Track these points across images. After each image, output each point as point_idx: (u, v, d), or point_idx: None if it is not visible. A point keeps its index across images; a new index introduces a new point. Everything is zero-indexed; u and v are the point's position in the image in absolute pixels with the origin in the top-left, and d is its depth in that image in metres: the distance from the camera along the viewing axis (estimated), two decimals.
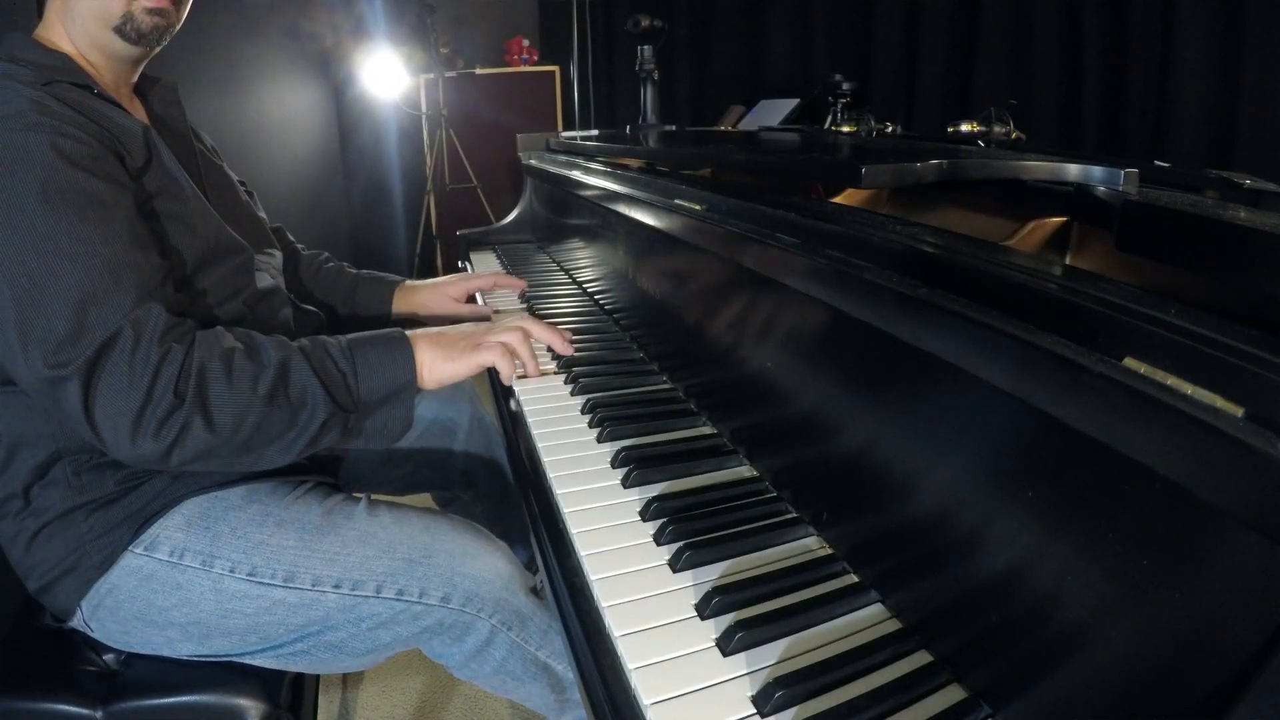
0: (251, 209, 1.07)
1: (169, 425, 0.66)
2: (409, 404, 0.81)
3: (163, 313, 0.70)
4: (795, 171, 0.92)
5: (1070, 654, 0.40)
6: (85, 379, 0.65)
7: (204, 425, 0.68)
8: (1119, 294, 0.42)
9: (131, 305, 0.68)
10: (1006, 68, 2.02)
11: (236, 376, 0.70)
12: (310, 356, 0.76)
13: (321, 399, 0.74)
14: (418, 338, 0.83)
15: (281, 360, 0.73)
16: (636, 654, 0.51)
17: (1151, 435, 0.35)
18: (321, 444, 0.76)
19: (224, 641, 0.81)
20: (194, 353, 0.69)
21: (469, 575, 0.80)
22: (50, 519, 0.79)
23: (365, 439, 0.80)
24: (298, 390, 0.73)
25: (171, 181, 0.83)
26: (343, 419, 0.76)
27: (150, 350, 0.67)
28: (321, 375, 0.74)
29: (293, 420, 0.72)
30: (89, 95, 0.80)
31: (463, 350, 0.84)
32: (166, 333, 0.69)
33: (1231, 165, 1.61)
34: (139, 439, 0.66)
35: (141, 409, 0.66)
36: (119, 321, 0.67)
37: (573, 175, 1.40)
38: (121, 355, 0.66)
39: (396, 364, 0.79)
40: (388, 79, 3.21)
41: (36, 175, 0.69)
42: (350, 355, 0.78)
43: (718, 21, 2.89)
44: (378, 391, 0.78)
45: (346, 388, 0.76)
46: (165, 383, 0.67)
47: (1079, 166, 0.70)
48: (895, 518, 0.55)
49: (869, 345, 0.58)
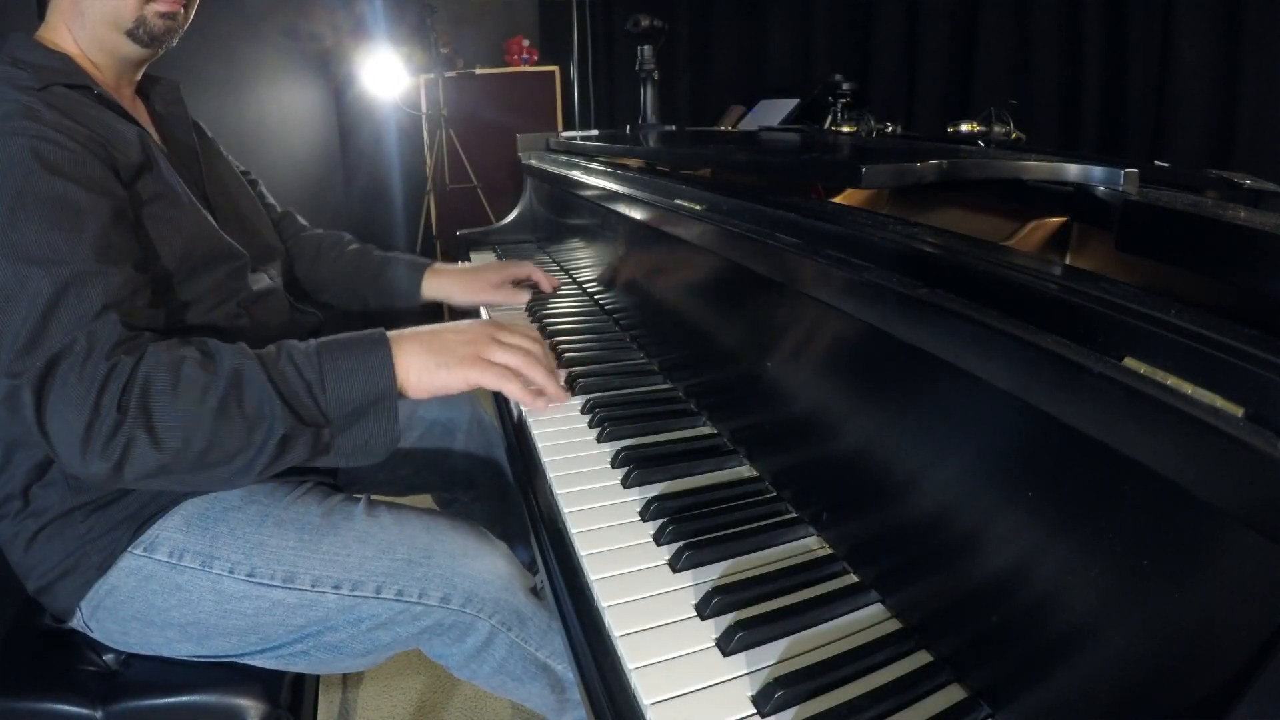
0: (256, 207, 1.07)
1: (114, 441, 0.63)
2: (390, 417, 0.72)
3: (118, 325, 0.67)
4: (795, 171, 0.92)
5: (1070, 654, 0.39)
6: (37, 390, 0.63)
7: (149, 441, 0.64)
8: (1119, 294, 0.42)
9: (91, 317, 0.66)
10: (1006, 68, 2.02)
11: (183, 387, 0.65)
12: (268, 364, 0.69)
13: (280, 411, 0.67)
14: (403, 340, 0.74)
15: (234, 369, 0.67)
16: (636, 654, 0.51)
17: (1151, 435, 0.35)
18: (287, 461, 0.69)
19: (223, 642, 0.81)
20: (141, 365, 0.65)
21: (469, 575, 0.80)
22: (49, 520, 0.79)
23: (343, 457, 0.71)
24: (253, 402, 0.67)
25: (167, 188, 0.83)
26: (310, 434, 0.68)
27: (98, 363, 0.64)
28: (279, 385, 0.68)
29: (249, 434, 0.66)
30: (86, 99, 0.80)
31: (461, 360, 0.76)
32: (117, 346, 0.66)
33: (1231, 165, 1.61)
34: (88, 455, 0.63)
35: (89, 425, 0.63)
36: (74, 332, 0.65)
37: (573, 175, 1.39)
38: (72, 368, 0.64)
39: (372, 370, 0.71)
40: (388, 79, 3.21)
41: (12, 180, 0.68)
42: (317, 362, 0.70)
43: (718, 21, 2.89)
44: (350, 403, 0.70)
45: (312, 400, 0.69)
46: (110, 397, 0.63)
47: (1079, 166, 0.70)
48: (895, 518, 0.55)
49: (869, 345, 0.58)
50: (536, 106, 3.48)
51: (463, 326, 0.80)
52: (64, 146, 0.72)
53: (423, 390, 0.74)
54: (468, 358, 0.76)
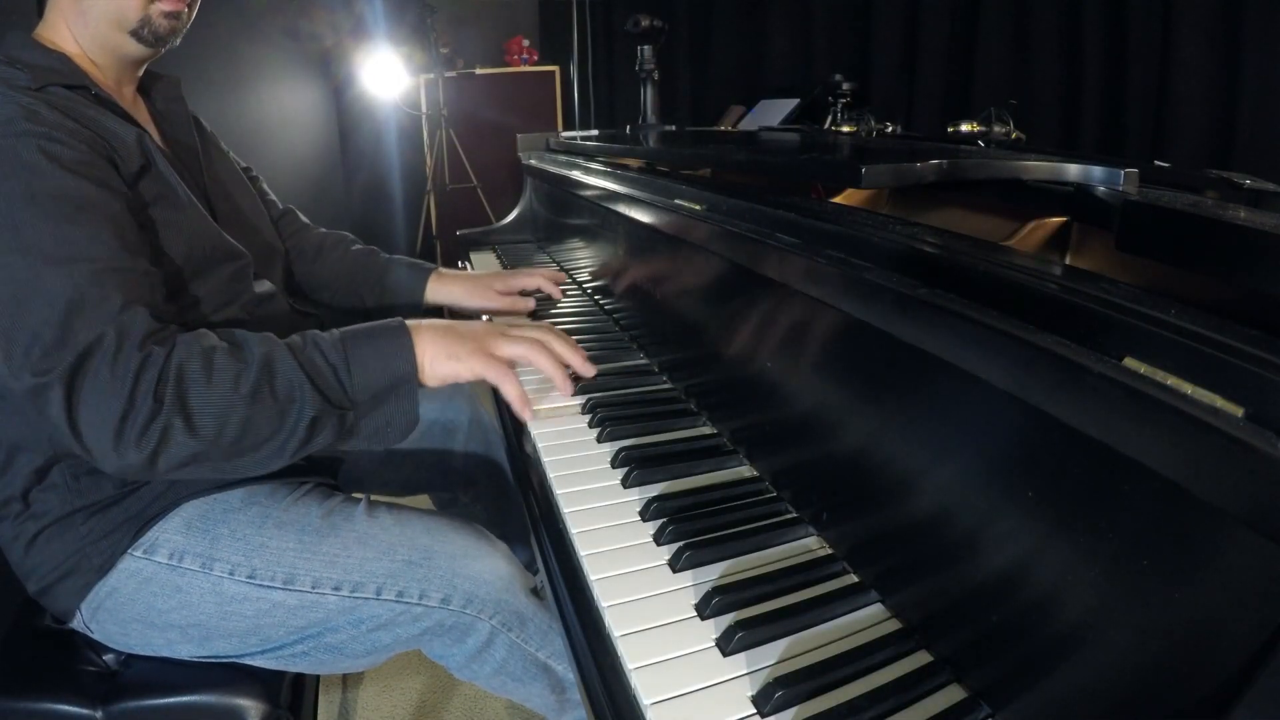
0: (258, 205, 1.06)
1: (150, 431, 0.63)
2: (411, 399, 0.75)
3: (146, 317, 0.67)
4: (795, 171, 0.92)
5: (1070, 654, 0.39)
6: (68, 386, 0.63)
7: (185, 429, 0.65)
8: (1119, 294, 0.42)
9: (117, 311, 0.66)
10: (1006, 68, 2.02)
11: (217, 376, 0.67)
12: (296, 351, 0.71)
13: (310, 394, 0.69)
14: (421, 329, 0.77)
15: (265, 355, 0.70)
16: (636, 654, 0.51)
17: (1151, 435, 0.35)
18: (315, 444, 0.71)
19: (224, 643, 0.81)
20: (174, 355, 0.66)
21: (469, 576, 0.80)
22: (49, 522, 0.79)
23: (365, 439, 0.74)
24: (284, 386, 0.69)
25: (167, 189, 0.82)
26: (336, 416, 0.71)
27: (131, 355, 0.64)
28: (308, 369, 0.70)
29: (281, 419, 0.68)
30: (84, 99, 0.80)
31: (471, 351, 0.78)
32: (148, 337, 0.66)
33: (1231, 165, 1.61)
34: (122, 448, 0.63)
35: (124, 416, 0.63)
36: (102, 327, 0.65)
37: (573, 175, 1.39)
38: (103, 361, 0.64)
39: (394, 356, 0.74)
40: (388, 79, 3.21)
41: (24, 180, 0.68)
42: (342, 348, 0.73)
43: (718, 21, 2.89)
44: (374, 386, 0.73)
45: (339, 383, 0.72)
46: (145, 388, 0.64)
47: (1079, 166, 0.70)
48: (895, 518, 0.55)
49: (869, 345, 0.58)
50: (536, 106, 3.48)
51: (476, 324, 0.83)
52: (70, 146, 0.72)
53: (435, 378, 0.77)
54: (477, 351, 0.79)
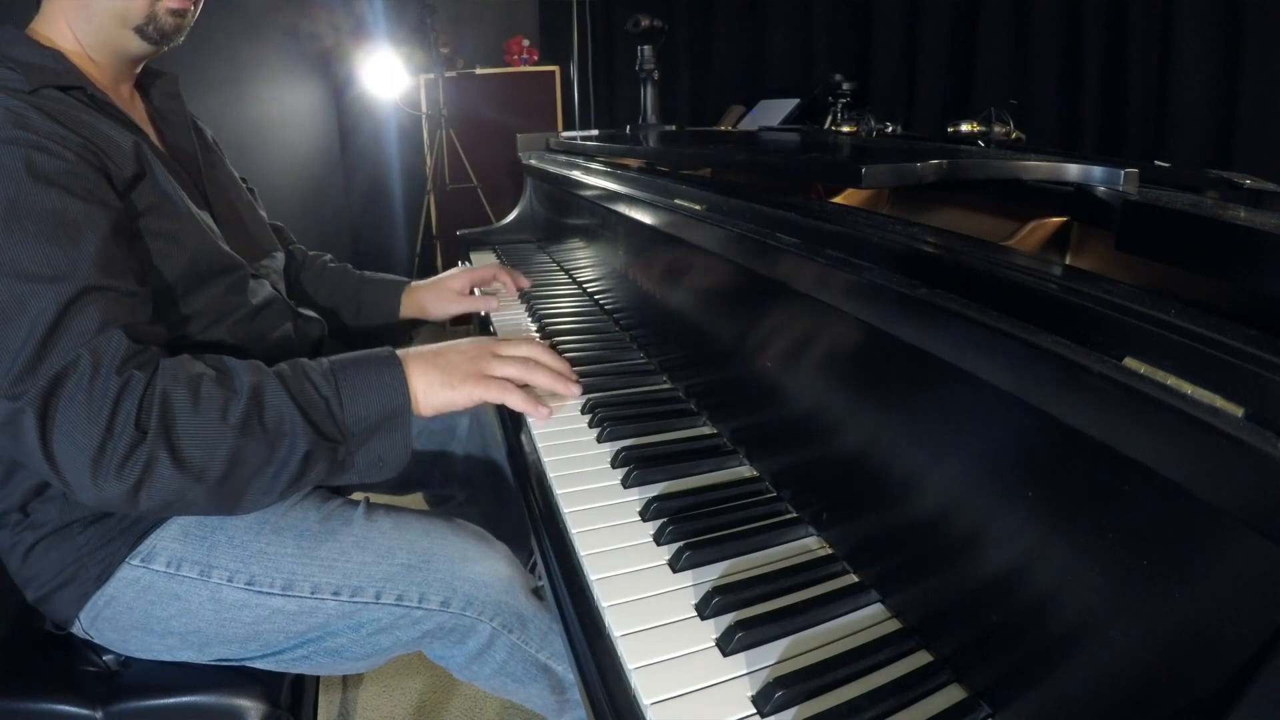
0: (254, 209, 1.06)
1: (132, 462, 0.61)
2: (405, 432, 0.73)
3: (124, 339, 0.65)
4: (795, 171, 0.92)
5: (1070, 654, 0.39)
6: (41, 411, 0.60)
7: (170, 461, 0.62)
8: (1119, 294, 0.42)
9: (94, 332, 0.63)
10: (1006, 68, 2.02)
11: (204, 404, 0.64)
12: (287, 381, 0.69)
13: (301, 428, 0.67)
14: (410, 358, 0.76)
15: (254, 385, 0.67)
16: (636, 654, 0.51)
17: (1151, 435, 0.35)
18: (308, 480, 0.69)
19: (224, 649, 0.81)
20: (157, 380, 0.64)
21: (469, 579, 0.80)
22: (48, 532, 0.78)
23: (359, 473, 0.72)
24: (274, 418, 0.66)
25: (163, 198, 0.80)
26: (329, 450, 0.69)
27: (109, 380, 0.62)
28: (300, 401, 0.68)
29: (271, 453, 0.66)
30: (79, 102, 0.77)
31: (464, 377, 0.77)
32: (127, 360, 0.64)
33: (1231, 165, 1.61)
34: (101, 479, 0.60)
35: (102, 445, 0.60)
36: (77, 350, 0.62)
37: (573, 175, 1.39)
38: (79, 385, 0.61)
39: (386, 387, 0.73)
40: (388, 79, 3.21)
41: (6, 194, 0.65)
42: (333, 379, 0.71)
43: (718, 21, 2.89)
44: (367, 418, 0.71)
45: (330, 415, 0.69)
46: (126, 415, 0.61)
47: (1079, 166, 0.70)
48: (895, 518, 0.55)
49: (869, 345, 0.58)
50: (536, 106, 3.47)
51: (464, 345, 0.82)
52: (58, 156, 0.69)
53: (430, 408, 0.76)
54: (471, 375, 0.78)
